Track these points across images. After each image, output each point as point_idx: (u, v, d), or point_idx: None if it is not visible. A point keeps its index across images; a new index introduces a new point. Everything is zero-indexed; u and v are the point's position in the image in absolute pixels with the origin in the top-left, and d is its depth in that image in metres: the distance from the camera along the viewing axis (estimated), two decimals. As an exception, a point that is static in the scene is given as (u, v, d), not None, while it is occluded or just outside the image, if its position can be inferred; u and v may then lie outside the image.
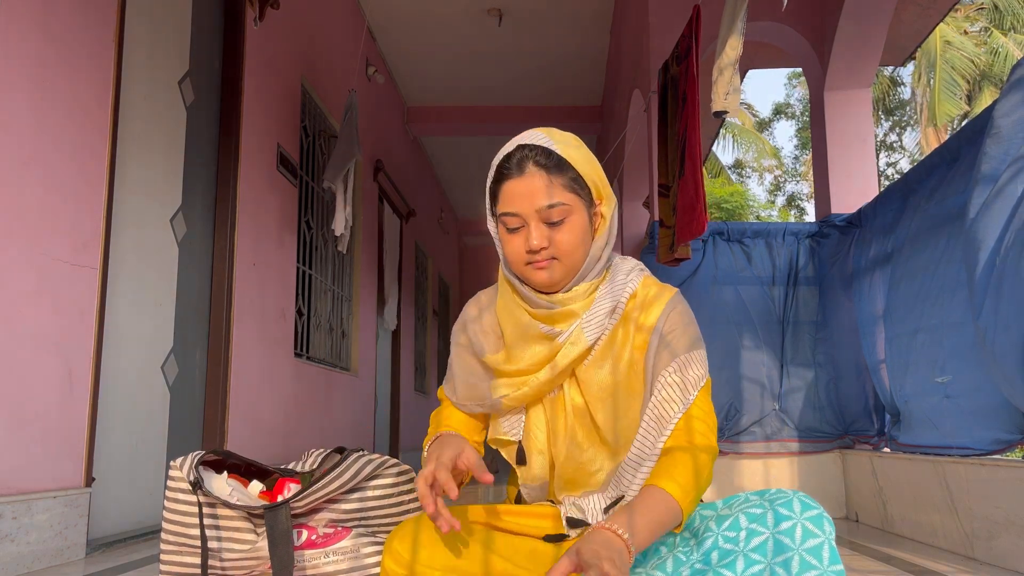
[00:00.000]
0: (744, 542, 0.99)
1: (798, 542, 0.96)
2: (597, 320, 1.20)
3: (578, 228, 1.17)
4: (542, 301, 1.21)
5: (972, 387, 2.62)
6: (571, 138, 1.23)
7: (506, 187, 1.18)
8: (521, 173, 1.17)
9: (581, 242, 1.18)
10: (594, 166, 1.22)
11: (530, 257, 1.18)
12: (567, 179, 1.17)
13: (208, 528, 1.47)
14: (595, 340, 1.19)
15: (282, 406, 4.32)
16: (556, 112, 8.04)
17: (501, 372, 1.23)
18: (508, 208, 1.18)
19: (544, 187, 1.16)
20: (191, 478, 1.48)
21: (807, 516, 0.98)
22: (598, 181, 1.22)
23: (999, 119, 2.22)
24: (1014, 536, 2.28)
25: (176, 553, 1.49)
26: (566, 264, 1.18)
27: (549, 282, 1.19)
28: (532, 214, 1.16)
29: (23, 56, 2.35)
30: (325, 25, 5.27)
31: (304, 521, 1.51)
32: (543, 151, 1.17)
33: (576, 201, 1.17)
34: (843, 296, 3.78)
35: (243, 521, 1.49)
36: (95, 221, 2.66)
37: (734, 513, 1.04)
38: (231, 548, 1.47)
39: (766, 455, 3.77)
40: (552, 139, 1.19)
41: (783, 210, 22.97)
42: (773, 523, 0.98)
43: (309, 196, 5.06)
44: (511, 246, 1.19)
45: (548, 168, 1.16)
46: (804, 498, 1.00)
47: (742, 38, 3.03)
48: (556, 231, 1.17)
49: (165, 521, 1.50)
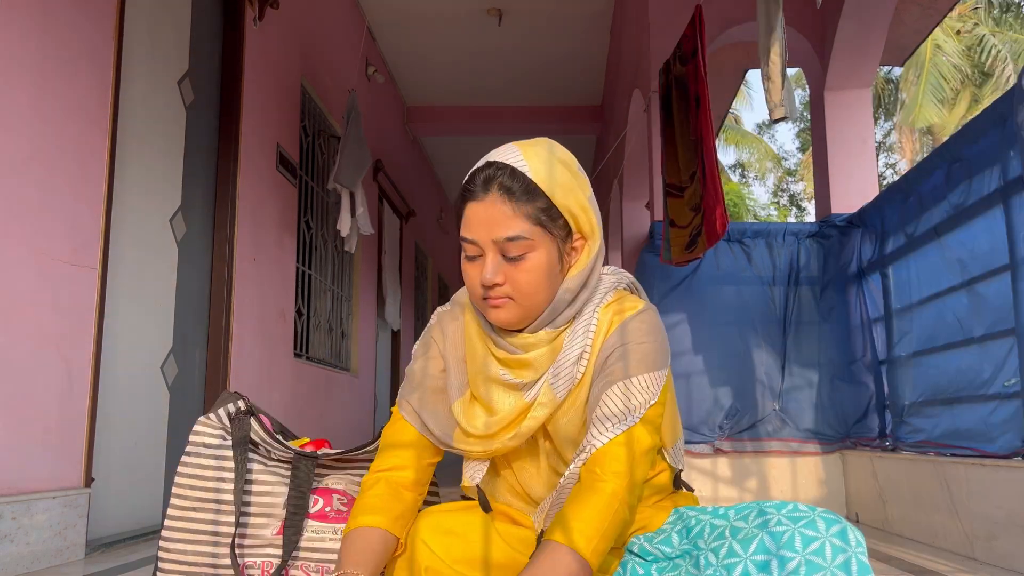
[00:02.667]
0: (777, 569, 0.91)
1: (829, 561, 0.89)
2: (565, 371, 1.07)
3: (540, 267, 1.03)
4: (504, 343, 1.09)
5: (978, 385, 2.62)
6: (555, 156, 1.06)
7: (468, 209, 1.05)
8: (484, 195, 1.03)
9: (543, 283, 1.04)
10: (575, 195, 1.05)
11: (485, 292, 1.05)
12: (534, 208, 1.02)
13: (237, 478, 1.44)
14: (565, 395, 1.07)
15: (282, 406, 4.32)
16: (556, 112, 8.04)
17: (463, 428, 1.11)
18: (466, 233, 1.05)
19: (505, 215, 1.01)
20: (235, 411, 1.47)
21: (832, 532, 0.91)
22: (577, 212, 1.06)
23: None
24: (1014, 536, 2.28)
25: (186, 519, 1.44)
26: (523, 306, 1.04)
27: (504, 323, 1.06)
28: (489, 244, 1.03)
29: (23, 56, 2.35)
30: (325, 25, 5.26)
31: (324, 485, 1.50)
32: (511, 172, 1.02)
33: (541, 235, 1.03)
34: (844, 296, 3.78)
35: (269, 473, 1.48)
36: (95, 221, 2.66)
37: (757, 534, 0.95)
38: (253, 501, 1.45)
39: (767, 455, 3.77)
40: (526, 157, 1.04)
41: (783, 210, 22.98)
42: (802, 546, 0.91)
43: (309, 196, 5.05)
44: (468, 276, 1.07)
45: (513, 193, 1.01)
46: (825, 515, 0.93)
47: (785, 44, 3.04)
48: (514, 267, 1.03)
49: (180, 477, 1.43)
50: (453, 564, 1.07)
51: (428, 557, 1.08)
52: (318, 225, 5.24)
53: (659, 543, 1.09)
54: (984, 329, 2.60)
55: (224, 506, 1.45)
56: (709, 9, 3.67)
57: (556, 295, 1.07)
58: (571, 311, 1.09)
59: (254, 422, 1.49)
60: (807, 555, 0.90)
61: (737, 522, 1.00)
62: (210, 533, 1.45)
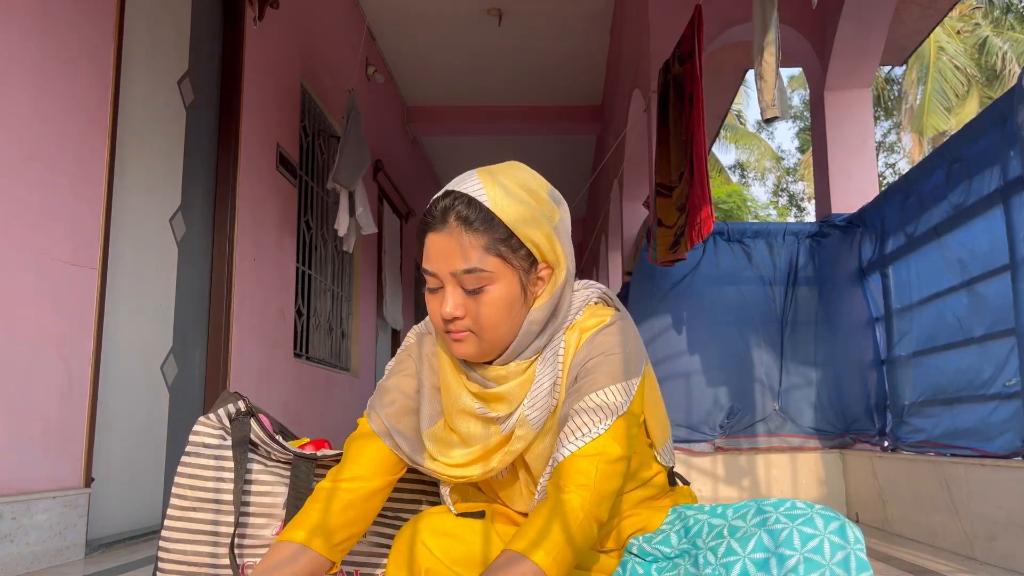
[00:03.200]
0: (776, 567, 0.91)
1: (827, 558, 0.89)
2: (540, 402, 1.06)
3: (501, 300, 1.01)
4: (476, 376, 1.08)
5: (978, 385, 2.62)
6: (520, 180, 1.04)
7: (428, 239, 1.03)
8: (443, 226, 1.01)
9: (505, 316, 1.02)
10: (538, 223, 1.02)
11: (446, 325, 1.04)
12: (492, 239, 1.00)
13: (236, 479, 1.44)
14: (542, 425, 1.06)
15: (282, 406, 4.32)
16: (556, 112, 8.04)
17: (437, 460, 1.10)
18: (426, 265, 1.03)
19: (463, 247, 0.99)
20: (235, 412, 1.46)
21: (831, 529, 0.91)
22: (541, 241, 1.03)
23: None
24: (1014, 536, 2.28)
25: (185, 519, 1.45)
26: (484, 339, 1.03)
27: (467, 356, 1.05)
28: (448, 277, 1.01)
29: (23, 56, 2.35)
30: (325, 25, 5.26)
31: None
32: (468, 201, 1.00)
33: (501, 267, 1.01)
34: (844, 296, 3.78)
35: (269, 474, 1.47)
36: (94, 221, 2.66)
37: (756, 532, 0.95)
38: (252, 501, 1.45)
39: (767, 454, 3.77)
40: (485, 186, 1.02)
41: (783, 210, 22.98)
42: (800, 544, 0.91)
43: (309, 196, 5.05)
44: (430, 308, 1.05)
45: (470, 224, 0.99)
46: (823, 512, 0.94)
47: (779, 44, 3.04)
48: (474, 300, 1.01)
49: (180, 477, 1.44)
50: (452, 565, 1.08)
51: (428, 559, 1.08)
52: (318, 225, 5.24)
53: (658, 543, 1.09)
54: (984, 329, 2.60)
55: (224, 506, 1.45)
56: (709, 9, 3.67)
57: (521, 327, 1.05)
58: (540, 341, 1.07)
59: (254, 423, 1.49)
60: (806, 553, 0.90)
61: (735, 521, 1.00)
62: (210, 533, 1.45)
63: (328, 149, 5.38)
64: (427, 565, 1.08)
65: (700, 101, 3.36)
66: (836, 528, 0.91)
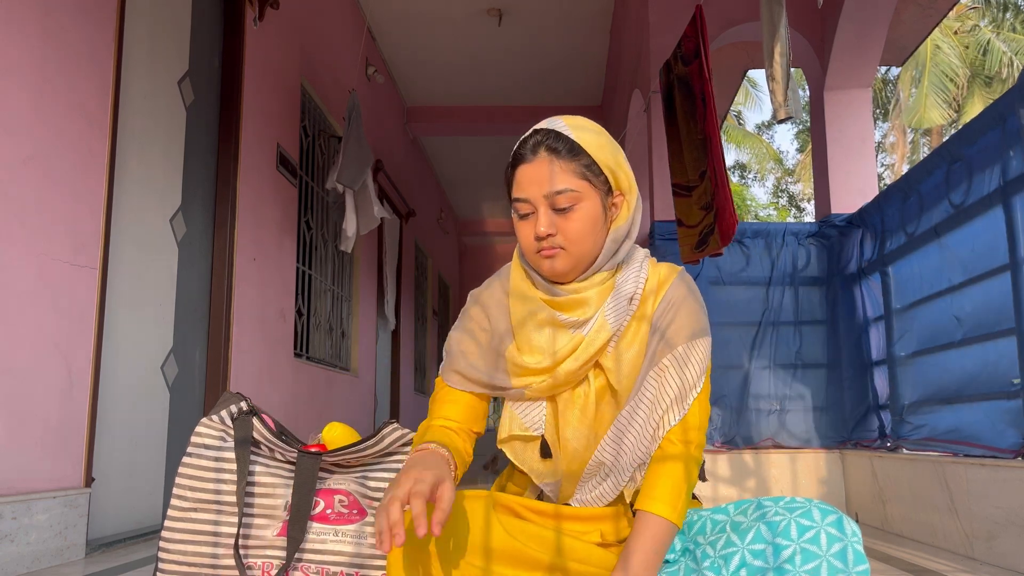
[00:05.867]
0: (773, 557, 0.95)
1: (824, 549, 0.92)
2: (620, 306, 1.17)
3: (588, 217, 1.14)
4: (557, 290, 1.18)
5: (978, 384, 2.62)
6: (591, 125, 1.19)
7: (519, 172, 1.16)
8: (533, 158, 1.15)
9: (591, 231, 1.14)
10: (613, 155, 1.18)
11: (538, 245, 1.15)
12: (579, 165, 1.14)
13: (239, 480, 1.43)
14: (618, 328, 1.16)
15: (282, 406, 4.32)
16: (555, 112, 8.00)
17: (519, 364, 1.18)
18: (518, 193, 1.16)
19: (553, 172, 1.13)
20: (237, 412, 1.47)
21: (828, 522, 0.94)
22: (616, 170, 1.17)
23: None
24: (1014, 536, 2.28)
25: (186, 520, 1.45)
26: (572, 253, 1.14)
27: (553, 271, 1.16)
28: (540, 200, 1.14)
29: (23, 56, 2.35)
30: (325, 25, 5.26)
31: (327, 486, 1.50)
32: (556, 135, 1.15)
33: (587, 188, 1.14)
34: (844, 295, 3.78)
35: (270, 475, 1.47)
36: (95, 221, 2.66)
37: (755, 525, 0.99)
38: (255, 503, 1.45)
39: (767, 454, 3.77)
40: (568, 125, 1.17)
41: (783, 210, 22.97)
42: (797, 535, 0.95)
43: (309, 196, 5.06)
44: (522, 233, 1.17)
45: (559, 153, 1.14)
46: (821, 505, 0.97)
47: (789, 45, 3.04)
48: (564, 219, 1.13)
49: (181, 478, 1.44)
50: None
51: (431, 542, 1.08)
52: (318, 225, 5.24)
53: None
54: (984, 329, 2.60)
55: (225, 507, 1.45)
56: (709, 9, 3.67)
57: (603, 245, 1.17)
58: (618, 258, 1.19)
59: (256, 421, 1.49)
60: (802, 543, 0.93)
61: (737, 516, 1.04)
62: (210, 534, 1.45)
63: (328, 149, 5.38)
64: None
65: (712, 99, 3.36)
66: (833, 520, 0.94)
